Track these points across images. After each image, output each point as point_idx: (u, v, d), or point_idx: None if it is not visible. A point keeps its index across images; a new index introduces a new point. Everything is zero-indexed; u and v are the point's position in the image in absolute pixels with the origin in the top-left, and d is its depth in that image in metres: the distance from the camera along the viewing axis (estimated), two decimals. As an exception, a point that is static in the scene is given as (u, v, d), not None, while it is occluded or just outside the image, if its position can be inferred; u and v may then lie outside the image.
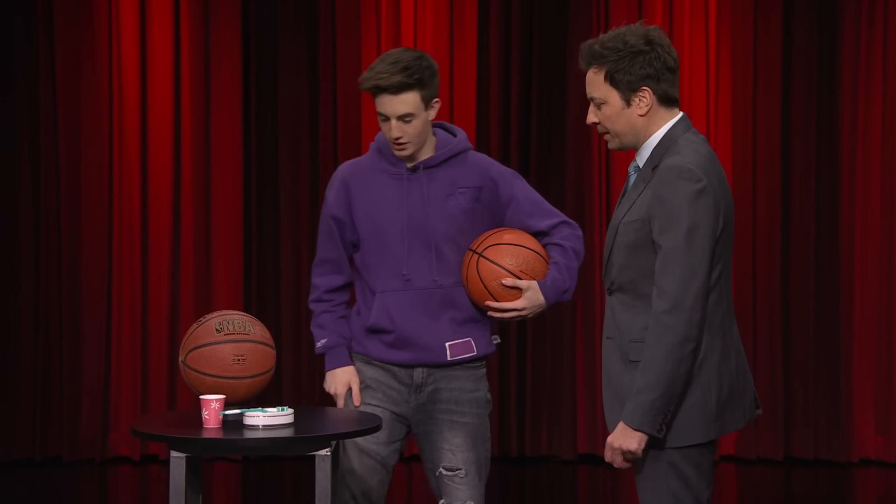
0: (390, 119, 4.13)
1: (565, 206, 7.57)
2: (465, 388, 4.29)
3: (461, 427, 4.27)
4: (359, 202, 4.22)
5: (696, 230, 3.45)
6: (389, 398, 4.25)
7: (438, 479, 4.28)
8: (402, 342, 4.22)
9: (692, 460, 3.55)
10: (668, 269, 3.45)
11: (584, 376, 7.60)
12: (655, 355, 3.45)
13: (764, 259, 7.57)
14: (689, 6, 7.59)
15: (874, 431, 7.54)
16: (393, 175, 4.22)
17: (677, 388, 3.47)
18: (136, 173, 7.63)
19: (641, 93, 3.56)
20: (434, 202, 4.21)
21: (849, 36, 7.50)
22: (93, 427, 7.59)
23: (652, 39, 3.56)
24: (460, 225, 4.23)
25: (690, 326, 3.44)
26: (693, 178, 3.47)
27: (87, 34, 7.56)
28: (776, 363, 7.54)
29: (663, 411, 3.47)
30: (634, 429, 3.48)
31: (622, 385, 3.57)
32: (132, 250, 7.63)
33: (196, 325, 4.01)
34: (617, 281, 3.61)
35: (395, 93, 4.10)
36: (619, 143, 3.65)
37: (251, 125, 7.67)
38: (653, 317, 3.46)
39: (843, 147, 7.53)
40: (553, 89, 7.63)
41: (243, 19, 7.64)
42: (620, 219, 3.60)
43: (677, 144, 3.55)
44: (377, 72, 4.11)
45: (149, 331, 7.64)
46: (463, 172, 4.24)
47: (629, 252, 3.56)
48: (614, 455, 3.53)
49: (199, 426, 3.83)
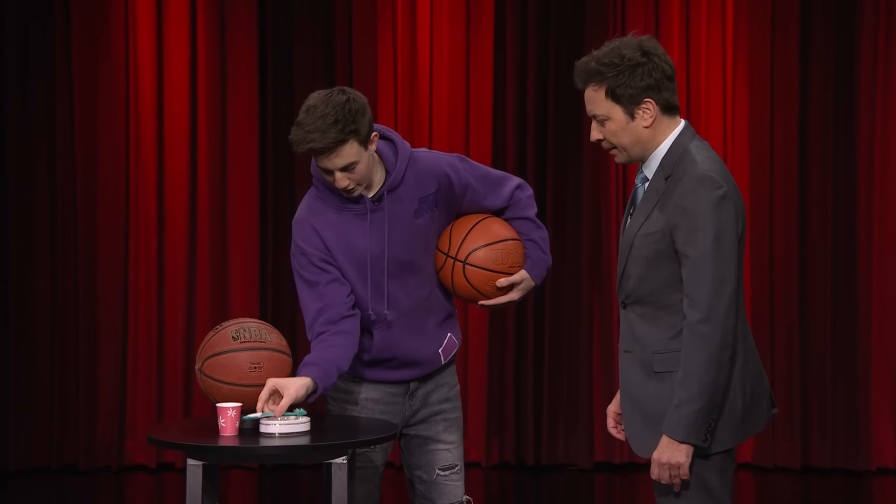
0: (334, 172, 3.94)
1: (582, 214, 7.58)
2: (451, 382, 4.27)
3: (454, 423, 4.25)
4: (333, 245, 4.06)
5: (722, 237, 3.45)
6: (390, 416, 4.19)
7: (433, 482, 4.22)
8: (401, 365, 4.16)
9: (716, 467, 3.54)
10: (698, 278, 3.45)
11: (601, 384, 7.57)
12: (695, 366, 3.44)
13: (781, 267, 7.53)
14: (707, 13, 7.57)
15: (892, 440, 7.52)
16: (357, 213, 4.05)
17: (718, 398, 3.47)
18: (153, 179, 7.63)
19: (645, 105, 3.55)
20: (404, 225, 4.08)
21: (866, 44, 7.47)
22: (109, 435, 7.59)
23: (648, 50, 3.54)
24: (429, 239, 4.14)
25: (726, 333, 3.44)
26: (714, 186, 3.47)
27: (103, 38, 7.57)
28: (793, 371, 7.51)
29: (707, 421, 3.46)
30: (680, 441, 3.47)
31: (645, 397, 3.57)
32: (148, 257, 7.63)
33: (212, 333, 3.99)
34: (634, 294, 3.60)
35: (333, 150, 3.90)
36: (627, 156, 3.63)
37: (267, 128, 7.67)
38: (687, 328, 3.46)
39: (861, 155, 7.50)
40: (570, 96, 7.59)
41: (260, 22, 7.64)
42: (636, 231, 3.58)
43: (690, 153, 3.54)
44: (307, 131, 3.88)
45: (165, 339, 7.64)
46: (420, 181, 4.10)
47: (649, 264, 3.55)
48: (662, 471, 3.50)
49: (215, 434, 3.81)
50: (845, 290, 7.51)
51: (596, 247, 7.60)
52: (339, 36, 7.62)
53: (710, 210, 3.45)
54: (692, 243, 3.45)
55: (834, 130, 7.50)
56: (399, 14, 7.64)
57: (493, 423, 7.62)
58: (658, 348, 3.55)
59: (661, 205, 3.53)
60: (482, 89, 7.65)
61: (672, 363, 3.52)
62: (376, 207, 4.06)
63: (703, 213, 3.45)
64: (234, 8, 7.64)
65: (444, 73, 7.65)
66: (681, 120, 3.61)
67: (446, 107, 7.65)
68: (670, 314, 3.53)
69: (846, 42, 7.49)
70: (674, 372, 3.51)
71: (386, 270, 4.07)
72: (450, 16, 7.64)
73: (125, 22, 7.59)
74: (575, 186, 7.62)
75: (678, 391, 3.45)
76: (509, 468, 7.63)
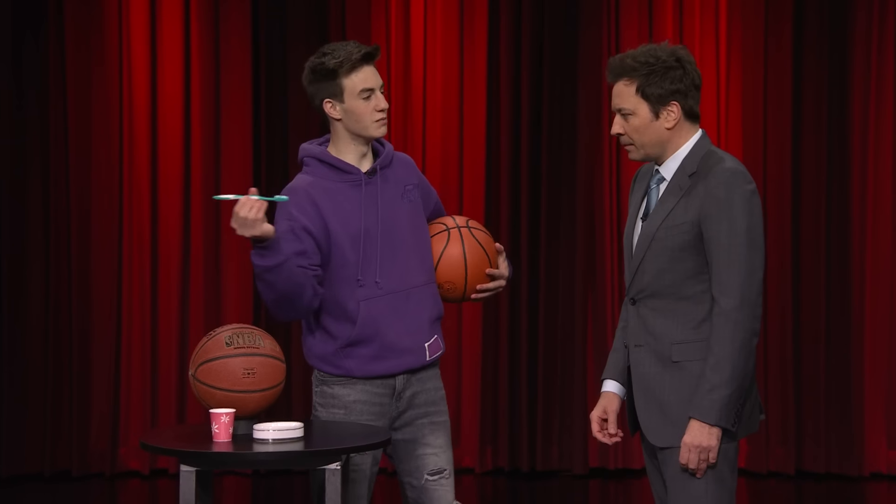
0: (375, 91, 4.15)
1: (576, 219, 7.57)
2: (437, 386, 4.30)
3: (441, 426, 4.27)
4: (329, 214, 4.14)
5: (753, 228, 3.61)
6: (377, 416, 4.20)
7: (423, 487, 4.24)
8: (385, 350, 4.17)
9: (728, 459, 3.66)
10: (732, 265, 3.58)
11: (596, 390, 7.35)
12: (728, 351, 3.56)
13: (775, 273, 7.52)
14: (700, 21, 7.57)
15: (886, 445, 7.50)
16: (352, 183, 4.18)
17: (747, 382, 3.60)
18: (147, 186, 7.63)
19: (670, 107, 3.70)
20: (395, 202, 4.21)
21: (860, 46, 7.47)
22: (102, 441, 7.57)
23: (681, 57, 3.70)
24: (419, 220, 4.26)
25: (755, 320, 3.59)
26: (747, 180, 3.64)
27: (97, 45, 7.56)
28: (787, 376, 7.50)
29: (737, 405, 3.59)
30: (712, 425, 3.58)
31: (662, 388, 3.67)
32: (142, 264, 7.62)
33: (206, 339, 4.00)
34: (650, 287, 3.70)
35: (376, 60, 4.16)
36: (644, 153, 3.77)
37: (261, 135, 7.66)
38: (720, 314, 3.57)
39: (855, 158, 7.48)
40: (564, 100, 7.62)
41: (254, 29, 7.64)
42: (658, 225, 3.68)
43: (715, 153, 3.70)
44: (344, 46, 4.15)
45: (159, 344, 7.63)
46: (404, 171, 4.28)
47: (673, 255, 3.66)
48: (692, 455, 3.60)
49: (208, 440, 3.82)
50: (838, 296, 7.51)
51: (590, 253, 7.60)
52: (333, 40, 7.58)
53: (744, 201, 3.60)
54: (727, 232, 3.59)
55: (827, 134, 7.50)
56: (393, 21, 7.64)
57: (486, 429, 7.61)
58: (677, 339, 3.65)
59: (686, 198, 3.66)
60: (476, 94, 7.65)
61: (691, 352, 3.63)
62: (370, 181, 4.18)
63: (737, 203, 3.59)
64: (228, 16, 7.63)
65: (438, 80, 7.65)
66: (699, 129, 3.76)
67: (440, 114, 7.65)
68: (692, 304, 3.65)
69: (839, 43, 7.48)
70: (694, 361, 3.62)
71: (379, 241, 4.14)
72: (443, 24, 7.64)
73: (118, 31, 7.58)
74: (569, 194, 7.62)
75: (710, 376, 3.56)
76: (503, 474, 7.61)
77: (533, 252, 7.59)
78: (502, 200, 7.60)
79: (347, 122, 4.17)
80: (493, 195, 7.63)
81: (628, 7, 7.58)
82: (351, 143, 4.20)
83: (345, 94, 4.14)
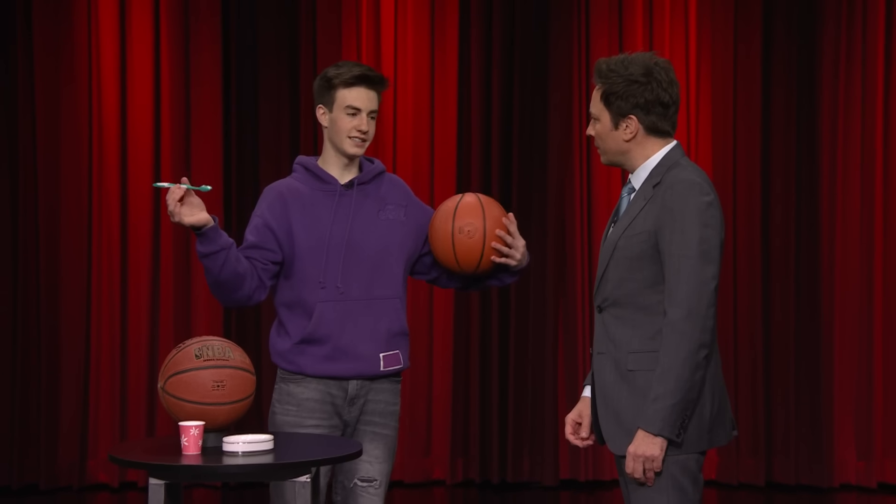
0: (361, 112, 4.33)
1: (546, 227, 7.57)
2: (389, 400, 4.39)
3: (381, 438, 4.37)
4: (296, 216, 4.32)
5: (707, 240, 3.58)
6: (328, 415, 4.31)
7: (351, 490, 4.34)
8: (338, 353, 4.29)
9: (689, 471, 3.64)
10: (681, 277, 3.56)
11: (566, 402, 7.54)
12: (673, 362, 3.54)
13: (745, 284, 7.55)
14: (670, 28, 7.60)
15: (855, 456, 7.53)
16: (327, 192, 4.35)
17: (693, 394, 3.57)
18: (116, 200, 7.59)
19: (628, 119, 3.70)
20: (368, 216, 4.36)
21: (828, 49, 7.52)
22: (71, 454, 7.53)
23: (651, 72, 3.67)
24: (394, 237, 4.39)
25: (704, 332, 3.55)
26: (703, 192, 3.61)
27: (66, 64, 7.53)
28: (757, 388, 7.52)
29: (682, 416, 3.56)
30: (655, 434, 3.56)
31: (618, 397, 3.65)
32: (111, 274, 7.58)
33: (175, 351, 3.99)
34: (612, 296, 3.69)
35: (375, 87, 4.36)
36: (608, 159, 3.80)
37: (231, 148, 7.64)
38: (667, 325, 3.56)
39: (824, 169, 7.52)
40: (535, 106, 7.61)
41: (224, 44, 7.62)
42: (620, 234, 3.69)
43: (680, 164, 3.69)
44: (354, 64, 4.36)
45: (128, 356, 7.59)
46: (389, 190, 4.44)
47: (632, 264, 3.65)
48: (636, 464, 3.58)
49: (178, 453, 3.81)
50: (808, 308, 7.53)
51: (560, 262, 7.60)
52: (303, 60, 7.61)
53: (697, 213, 3.58)
54: (678, 243, 3.57)
55: (797, 142, 7.54)
56: (364, 33, 7.62)
57: (457, 441, 7.61)
58: (634, 348, 3.64)
59: (648, 208, 3.65)
60: (447, 103, 7.66)
61: (646, 362, 3.62)
62: (345, 192, 4.35)
63: (690, 215, 3.58)
64: (198, 30, 7.61)
65: (409, 91, 7.65)
66: (673, 140, 3.75)
67: (411, 123, 7.65)
68: (648, 315, 3.63)
69: (808, 50, 7.54)
70: (647, 371, 3.61)
71: (344, 251, 4.29)
72: (414, 34, 7.64)
73: (88, 44, 7.55)
74: (540, 201, 7.62)
75: (655, 386, 3.55)
76: (474, 486, 7.60)
77: (503, 261, 7.55)
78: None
79: (330, 132, 4.37)
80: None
81: (598, 13, 7.60)
82: (334, 155, 4.39)
83: (335, 104, 4.35)
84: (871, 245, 7.55)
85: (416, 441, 7.61)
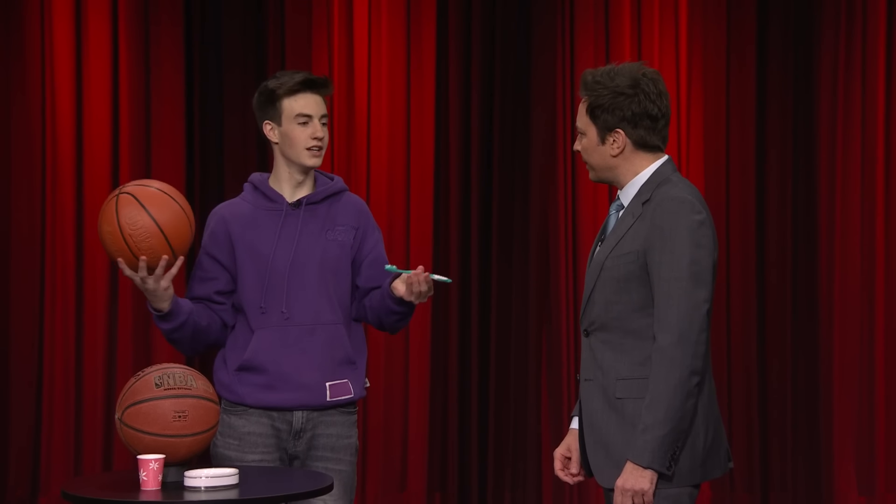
0: (313, 119, 4.27)
1: (529, 246, 7.49)
2: (342, 433, 4.32)
3: (336, 475, 4.28)
4: (239, 239, 4.29)
5: (698, 261, 3.50)
6: (271, 449, 4.26)
7: None
8: (279, 381, 4.22)
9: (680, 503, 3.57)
10: (671, 300, 3.48)
11: (551, 433, 7.46)
12: (663, 390, 3.46)
13: (738, 310, 7.48)
14: (659, 41, 7.52)
15: (856, 492, 7.46)
16: (272, 211, 4.30)
17: (685, 424, 3.49)
18: (71, 213, 7.42)
19: (615, 134, 3.64)
20: (314, 237, 4.29)
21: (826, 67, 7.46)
22: (21, 489, 7.34)
23: (638, 83, 3.60)
24: (340, 260, 4.31)
25: (696, 359, 3.48)
26: (694, 210, 3.54)
27: (17, 74, 7.35)
28: (753, 421, 7.46)
29: (672, 447, 3.48)
30: (644, 467, 3.48)
31: (606, 425, 3.59)
32: (66, 296, 7.40)
33: (134, 380, 3.93)
34: (599, 319, 3.62)
35: (321, 90, 4.30)
36: (596, 175, 3.73)
37: (195, 161, 7.47)
38: (657, 351, 3.48)
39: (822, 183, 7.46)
40: (517, 123, 7.53)
41: (187, 56, 7.48)
42: (607, 254, 3.60)
43: (670, 180, 3.62)
44: (293, 72, 4.33)
45: (83, 385, 7.40)
46: (342, 210, 4.36)
47: (619, 286, 3.57)
48: (625, 498, 3.51)
49: (136, 488, 3.76)
50: (806, 334, 7.47)
51: (544, 284, 7.48)
52: (271, 62, 7.49)
53: (688, 233, 3.51)
54: (668, 264, 3.50)
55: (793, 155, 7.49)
56: (336, 45, 7.48)
57: (434, 476, 7.48)
58: (623, 374, 3.57)
59: (636, 227, 3.58)
60: (424, 119, 7.52)
61: (635, 390, 3.55)
62: (292, 212, 4.30)
63: (681, 235, 3.50)
64: (158, 40, 7.46)
65: (384, 105, 7.52)
66: (664, 155, 3.68)
67: (385, 140, 7.52)
68: (637, 339, 3.56)
69: (805, 61, 7.49)
70: (635, 398, 3.54)
71: (288, 272, 4.23)
72: (389, 45, 7.51)
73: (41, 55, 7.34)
74: (522, 220, 7.52)
75: (644, 416, 3.48)
76: (455, 522, 7.55)
77: (484, 282, 7.48)
78: (451, 227, 7.48)
79: (283, 146, 4.31)
80: (441, 222, 7.51)
81: (583, 20, 7.52)
82: (286, 170, 4.33)
83: (283, 117, 4.29)
84: (871, 266, 7.48)
85: (390, 475, 7.48)
